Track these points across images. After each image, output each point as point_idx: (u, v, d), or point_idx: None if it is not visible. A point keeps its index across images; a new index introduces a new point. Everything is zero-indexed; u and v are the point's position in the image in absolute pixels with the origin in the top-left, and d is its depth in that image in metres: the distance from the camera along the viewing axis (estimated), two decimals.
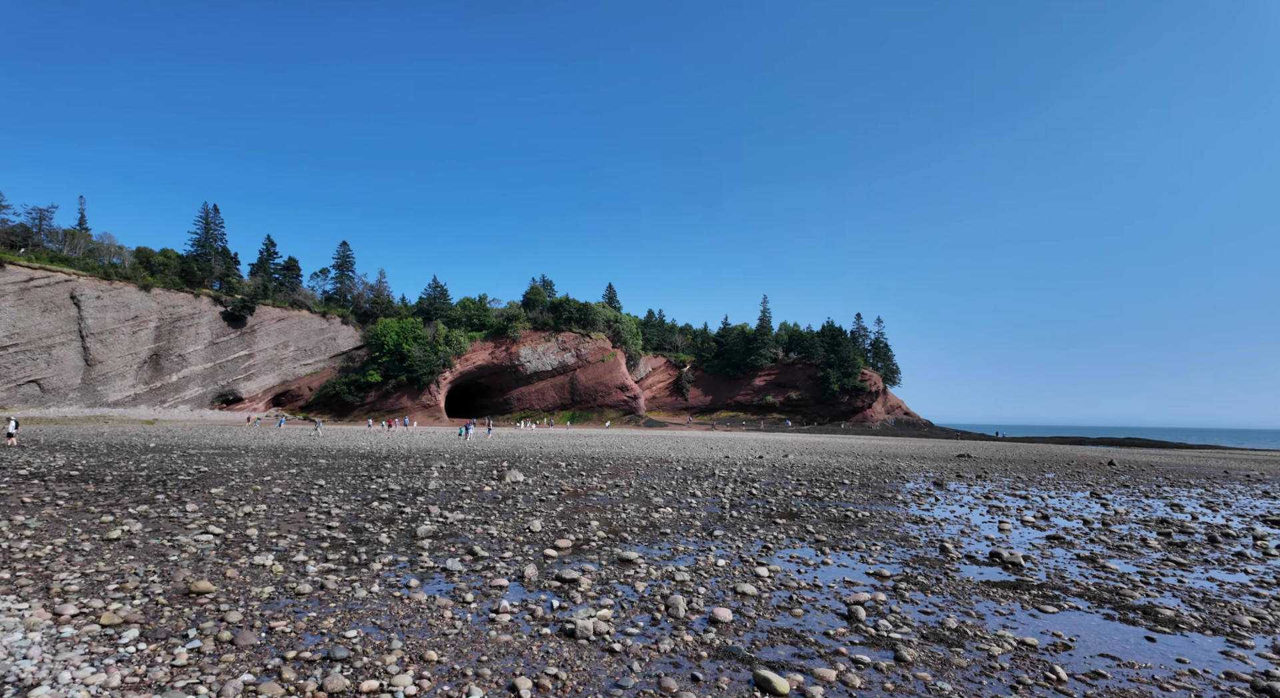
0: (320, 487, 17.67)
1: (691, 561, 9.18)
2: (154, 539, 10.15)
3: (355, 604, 6.93)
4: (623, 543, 10.49)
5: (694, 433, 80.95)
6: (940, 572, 8.72)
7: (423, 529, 11.08)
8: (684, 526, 12.28)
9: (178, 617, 6.33)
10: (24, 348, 73.74)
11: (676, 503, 15.74)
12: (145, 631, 5.85)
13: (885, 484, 21.74)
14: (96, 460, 23.59)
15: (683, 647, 5.66)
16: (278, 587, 7.51)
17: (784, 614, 6.65)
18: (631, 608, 6.81)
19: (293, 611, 6.64)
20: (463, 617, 6.51)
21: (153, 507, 13.51)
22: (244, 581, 7.83)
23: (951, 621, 6.31)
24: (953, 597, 7.40)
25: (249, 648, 5.54)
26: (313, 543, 10.24)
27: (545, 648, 5.64)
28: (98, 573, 7.95)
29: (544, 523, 11.93)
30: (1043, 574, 8.64)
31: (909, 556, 9.85)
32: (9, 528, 10.73)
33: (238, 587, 7.50)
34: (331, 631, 6.02)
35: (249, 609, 6.64)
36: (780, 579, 8.12)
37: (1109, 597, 7.41)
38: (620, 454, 34.14)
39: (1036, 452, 49.48)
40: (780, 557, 9.62)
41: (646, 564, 8.87)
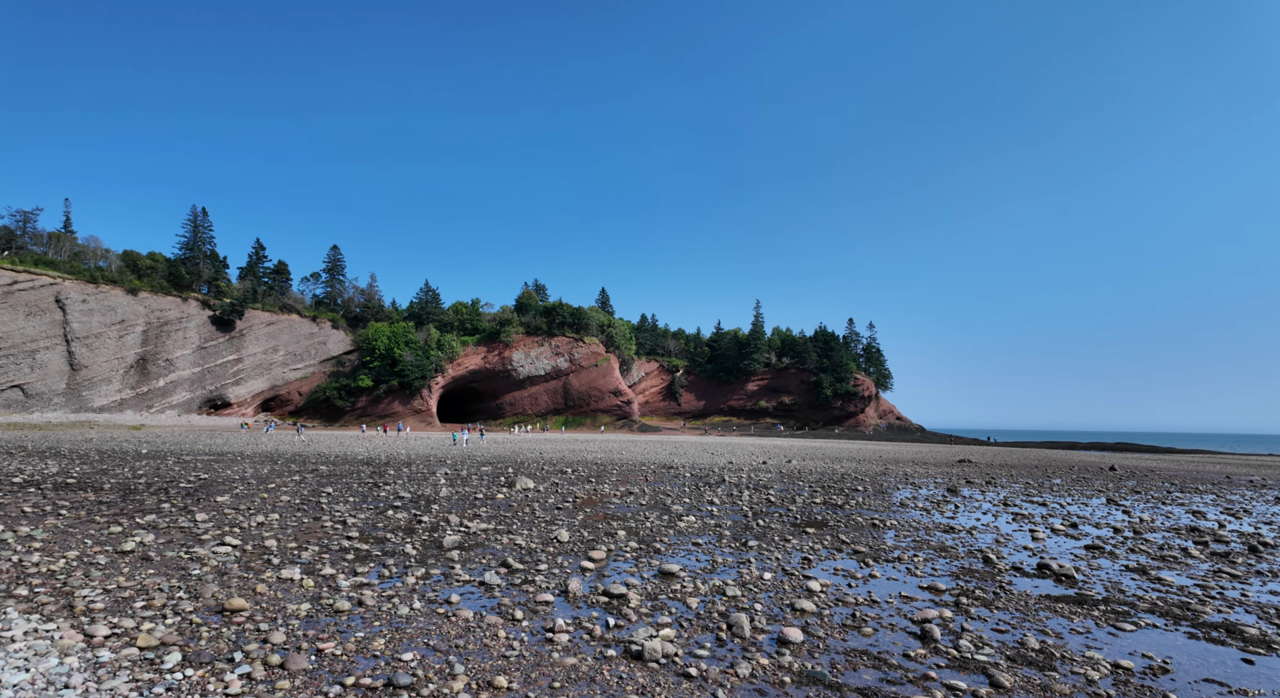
0: (328, 494, 17.21)
1: (734, 573, 8.90)
2: (170, 551, 9.72)
3: (400, 622, 6.58)
4: (657, 554, 10.18)
5: (689, 438, 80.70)
6: (994, 585, 8.50)
7: (449, 540, 10.71)
8: (714, 535, 12.00)
9: (217, 638, 5.96)
10: (7, 352, 72.20)
11: (697, 511, 15.45)
12: (187, 654, 5.48)
13: (899, 490, 21.59)
14: (91, 468, 22.93)
15: (761, 671, 5.36)
16: (314, 603, 7.15)
17: (853, 633, 6.37)
18: (691, 626, 6.51)
19: (336, 630, 6.29)
20: (518, 636, 6.19)
21: (160, 516, 13.03)
22: (276, 596, 7.46)
23: (1031, 640, 6.06)
24: (1019, 613, 7.16)
25: (302, 674, 5.19)
26: (336, 555, 9.85)
27: (616, 672, 5.34)
28: (120, 589, 7.54)
29: (570, 533, 11.60)
30: (1100, 588, 8.44)
31: (955, 567, 9.63)
32: (15, 540, 10.25)
33: (271, 603, 7.13)
34: (385, 653, 5.68)
35: (290, 629, 6.28)
36: (834, 594, 7.86)
37: (1181, 613, 7.20)
38: (622, 460, 33.80)
39: (1034, 457, 49.71)
40: (823, 569, 9.36)
41: (689, 577, 8.57)
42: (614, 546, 10.80)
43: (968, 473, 30.16)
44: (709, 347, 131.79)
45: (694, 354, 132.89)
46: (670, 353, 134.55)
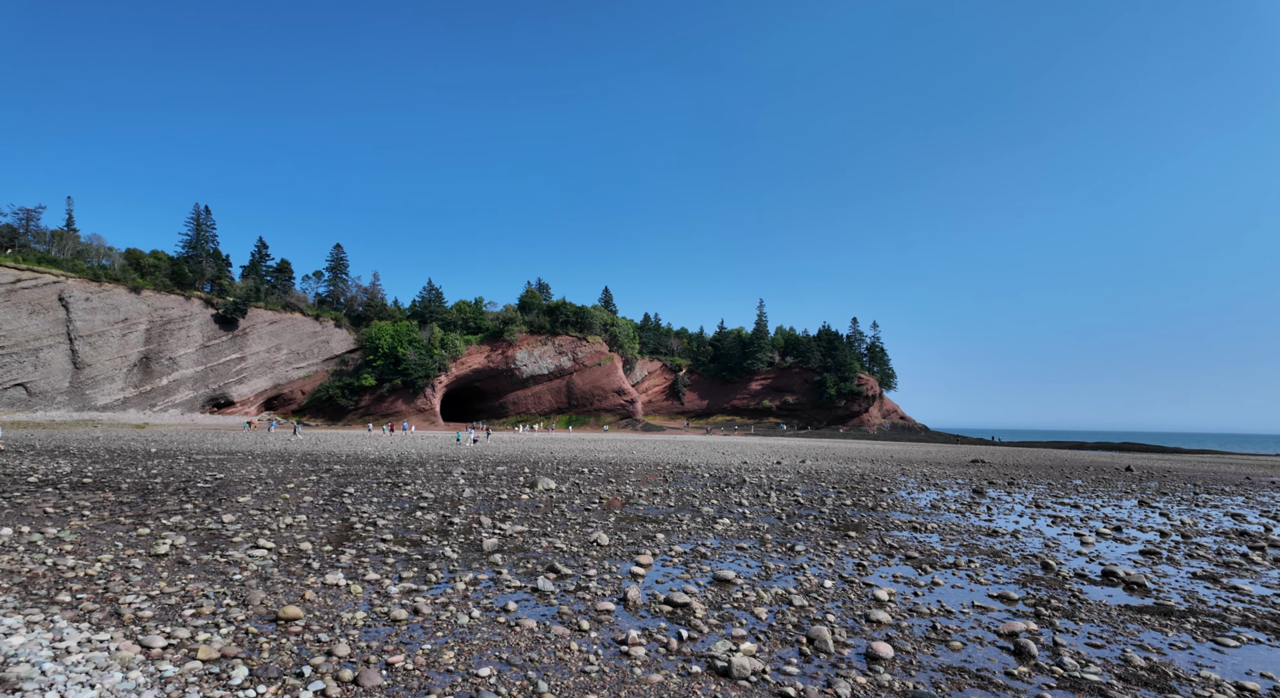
0: (351, 495, 16.92)
1: (791, 580, 8.60)
2: (205, 555, 9.43)
3: (463, 632, 6.30)
4: (704, 559, 9.90)
5: (694, 437, 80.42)
6: (1065, 593, 8.21)
7: (488, 543, 10.43)
8: (755, 539, 11.73)
9: (278, 650, 5.67)
10: (10, 350, 71.87)
11: (729, 513, 15.18)
12: (253, 668, 5.19)
13: (924, 492, 21.32)
14: (104, 467, 22.63)
15: (861, 691, 5.07)
16: (368, 611, 6.85)
17: (940, 647, 6.08)
18: (769, 639, 6.21)
19: (399, 641, 6.00)
20: (591, 650, 5.89)
21: (186, 517, 12.74)
22: (327, 604, 7.17)
23: (1135, 657, 5.76)
24: (1106, 625, 6.86)
25: (379, 691, 4.90)
26: (376, 559, 9.57)
27: (708, 690, 5.05)
28: (164, 595, 7.25)
29: (609, 536, 11.31)
30: (1177, 597, 8.14)
31: (1016, 574, 9.34)
32: (44, 542, 9.96)
33: (325, 611, 6.84)
34: (458, 668, 5.39)
35: (351, 640, 5.99)
36: (905, 604, 7.56)
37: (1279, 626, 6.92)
38: (635, 460, 33.52)
39: (1045, 457, 49.44)
40: (881, 576, 9.07)
41: (747, 585, 8.28)
42: (657, 550, 10.52)
43: (986, 474, 29.88)
44: (712, 346, 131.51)
45: (697, 353, 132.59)
46: (673, 352, 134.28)
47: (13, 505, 13.69)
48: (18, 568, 8.30)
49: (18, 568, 8.30)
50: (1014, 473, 30.75)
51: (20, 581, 7.71)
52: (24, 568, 8.29)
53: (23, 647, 5.36)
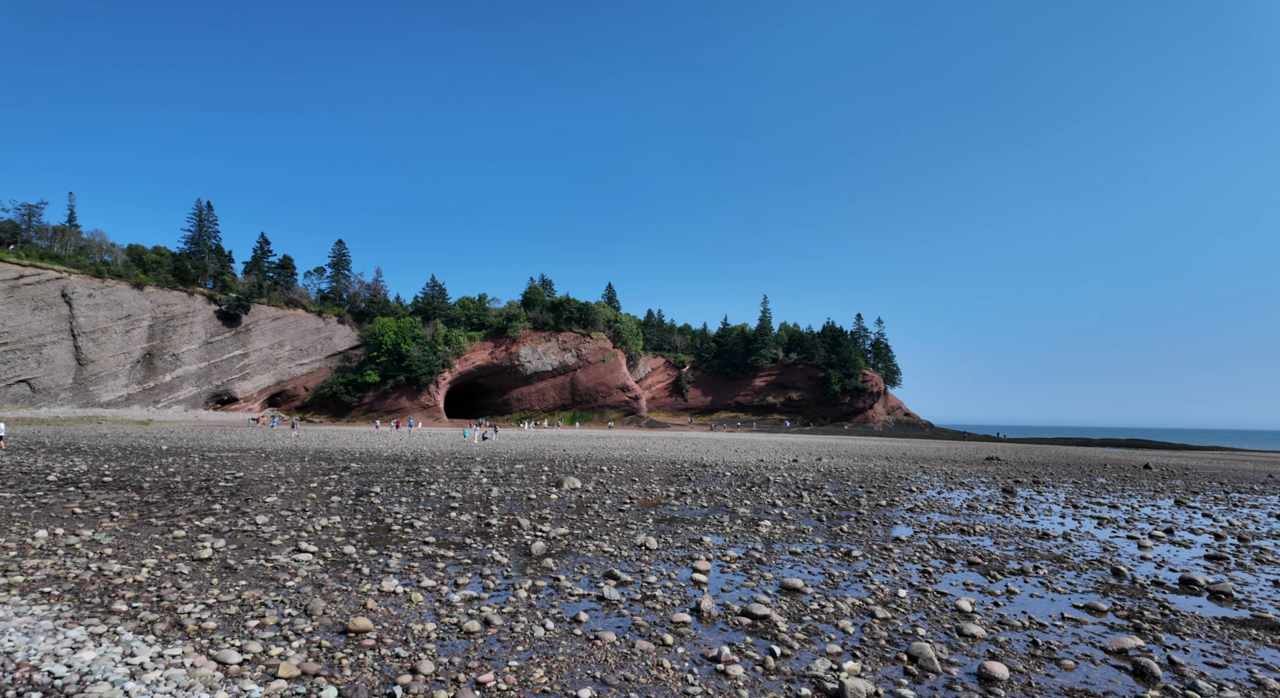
0: (377, 494, 16.64)
1: (860, 589, 8.31)
2: (249, 559, 9.14)
3: (543, 647, 6.01)
4: (761, 565, 9.61)
5: (700, 434, 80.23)
6: (1153, 604, 7.90)
7: (537, 547, 10.14)
8: (805, 543, 11.48)
9: (359, 666, 5.38)
10: (14, 347, 71.51)
11: (766, 514, 14.91)
12: (341, 688, 4.90)
13: (952, 491, 21.06)
14: (119, 465, 22.34)
15: None
16: (437, 622, 6.56)
17: (1051, 666, 5.76)
18: (867, 657, 5.90)
19: (481, 657, 5.70)
20: (686, 669, 5.59)
21: (218, 518, 12.46)
22: (390, 613, 6.88)
23: (1269, 679, 5.47)
24: (1215, 640, 6.54)
25: None
26: (425, 563, 9.28)
27: None
28: (221, 604, 6.96)
29: (656, 540, 11.01)
30: (1271, 608, 7.85)
31: (1088, 581, 9.05)
32: (82, 545, 9.66)
33: (392, 622, 6.55)
34: (553, 688, 5.10)
35: (430, 654, 5.70)
36: (988, 614, 7.28)
37: None
38: (650, 457, 33.26)
39: (1058, 454, 49.20)
40: (950, 583, 8.78)
41: (817, 594, 7.99)
42: (710, 555, 10.24)
43: (1006, 472, 29.63)
44: (715, 342, 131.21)
45: (700, 350, 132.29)
46: (676, 348, 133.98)
47: (39, 505, 13.40)
48: (63, 573, 8.01)
49: (63, 573, 8.01)
50: (1034, 471, 30.49)
51: (69, 587, 7.42)
52: (70, 574, 8.00)
53: (95, 663, 5.07)
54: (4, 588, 7.31)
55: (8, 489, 15.55)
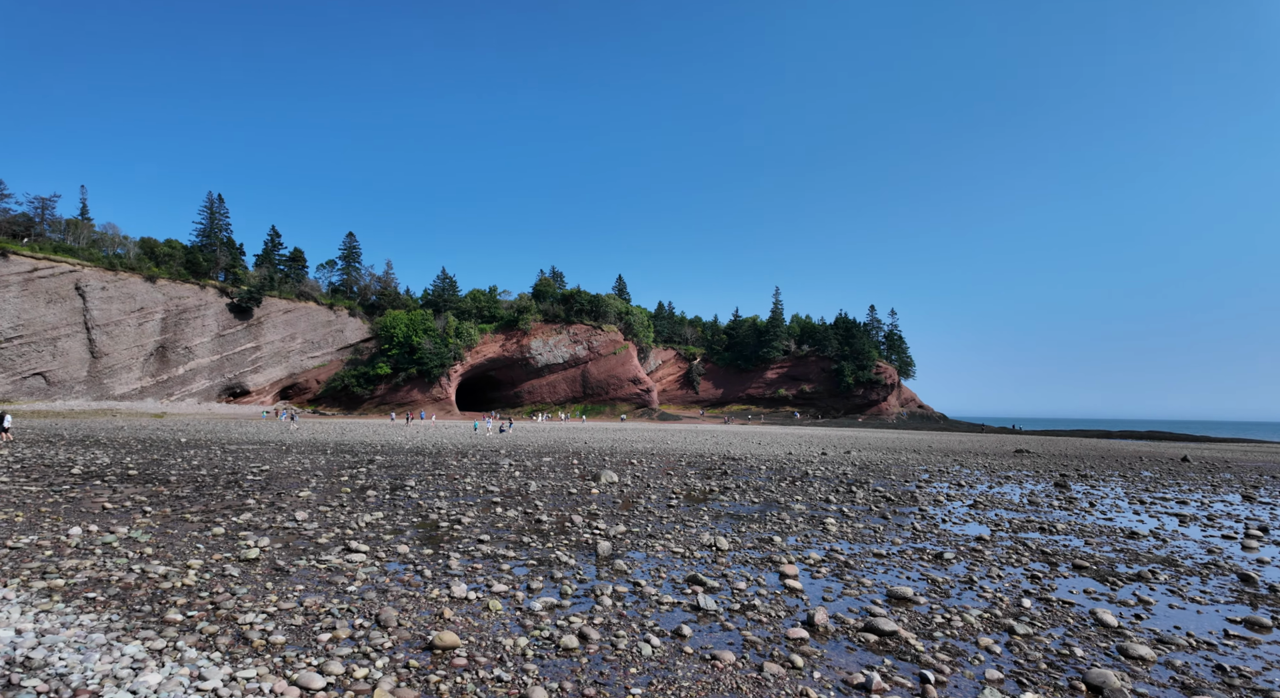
0: (413, 489, 16.02)
1: (975, 597, 7.55)
2: (298, 560, 8.49)
3: (656, 668, 5.30)
4: (850, 570, 8.88)
5: (714, 427, 79.53)
6: None
7: (602, 547, 9.45)
8: (884, 544, 10.77)
9: (461, 693, 4.69)
10: (29, 339, 71.51)
11: (823, 510, 14.20)
12: None
13: (1002, 486, 20.26)
14: (141, 458, 21.84)
15: None
16: (528, 637, 5.87)
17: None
18: (1038, 686, 5.11)
19: (593, 681, 5.01)
20: None
21: (255, 515, 11.85)
22: (470, 624, 6.21)
23: None
24: None
25: None
26: (488, 564, 8.61)
27: None
28: (282, 612, 6.30)
29: (726, 540, 10.29)
30: None
31: (1221, 589, 8.23)
32: (119, 543, 9.05)
33: (478, 636, 5.87)
34: None
35: (536, 677, 5.01)
36: (1140, 631, 6.49)
37: None
38: (675, 450, 32.58)
39: (1085, 446, 48.18)
40: (1069, 590, 8.00)
41: (931, 603, 7.25)
42: (791, 557, 9.52)
43: (1044, 465, 28.76)
44: (727, 334, 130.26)
45: (711, 342, 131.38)
46: (687, 341, 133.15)
47: (66, 499, 12.84)
48: (105, 576, 7.38)
49: (105, 576, 7.38)
50: (1072, 464, 29.60)
51: (114, 592, 6.79)
52: (112, 576, 7.37)
53: (163, 688, 4.40)
54: (45, 593, 6.68)
55: (33, 483, 15.02)
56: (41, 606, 6.21)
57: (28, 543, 8.86)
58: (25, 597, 6.49)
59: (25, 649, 4.98)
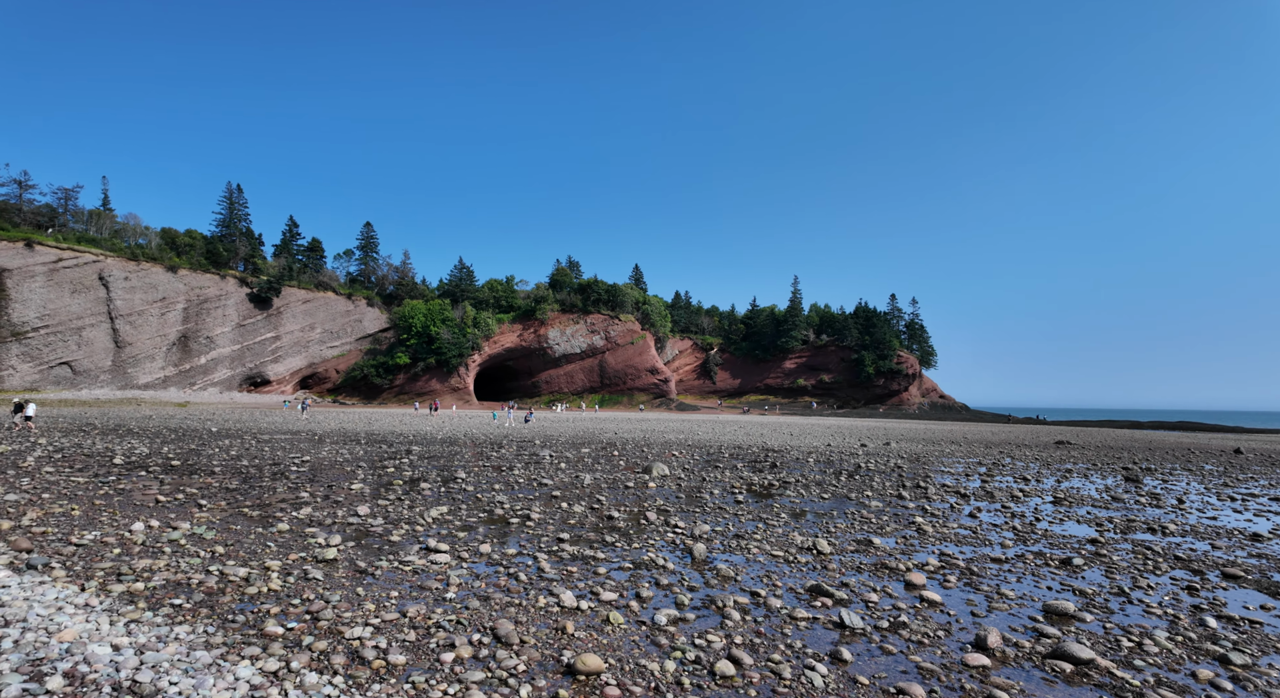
0: (465, 480, 15.47)
1: (1142, 613, 6.77)
2: (380, 561, 7.90)
3: None
4: (978, 576, 8.15)
5: (735, 417, 78.76)
6: None
7: (698, 549, 8.78)
8: (991, 547, 10.03)
9: None
10: (55, 329, 72.10)
11: (900, 507, 13.46)
12: None
13: (1068, 480, 19.38)
14: (179, 447, 21.51)
15: None
16: (674, 661, 5.20)
17: None
18: None
19: None
20: None
21: (315, 509, 11.32)
22: (600, 641, 5.56)
23: None
24: None
25: None
26: (581, 567, 7.97)
27: None
28: (387, 624, 5.69)
29: (826, 543, 9.57)
30: None
31: None
32: (186, 540, 8.51)
33: (615, 657, 5.22)
34: None
35: None
36: None
37: None
38: (707, 441, 31.90)
39: (1124, 437, 46.85)
40: (1245, 605, 7.22)
41: (1095, 621, 6.49)
42: (903, 562, 8.80)
43: (1094, 457, 27.75)
44: (744, 324, 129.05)
45: (729, 332, 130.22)
46: (704, 330, 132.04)
47: (116, 491, 12.39)
48: (184, 579, 6.82)
49: (184, 579, 6.82)
50: (1122, 456, 28.54)
51: (200, 599, 6.21)
52: (191, 579, 6.81)
53: None
54: (126, 598, 6.12)
55: (78, 473, 14.63)
56: (128, 614, 5.64)
57: (93, 540, 8.35)
58: (108, 603, 5.93)
59: (129, 672, 4.39)
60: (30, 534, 8.56)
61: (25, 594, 5.97)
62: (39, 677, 4.27)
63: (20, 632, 4.98)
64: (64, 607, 5.68)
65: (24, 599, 5.81)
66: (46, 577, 6.65)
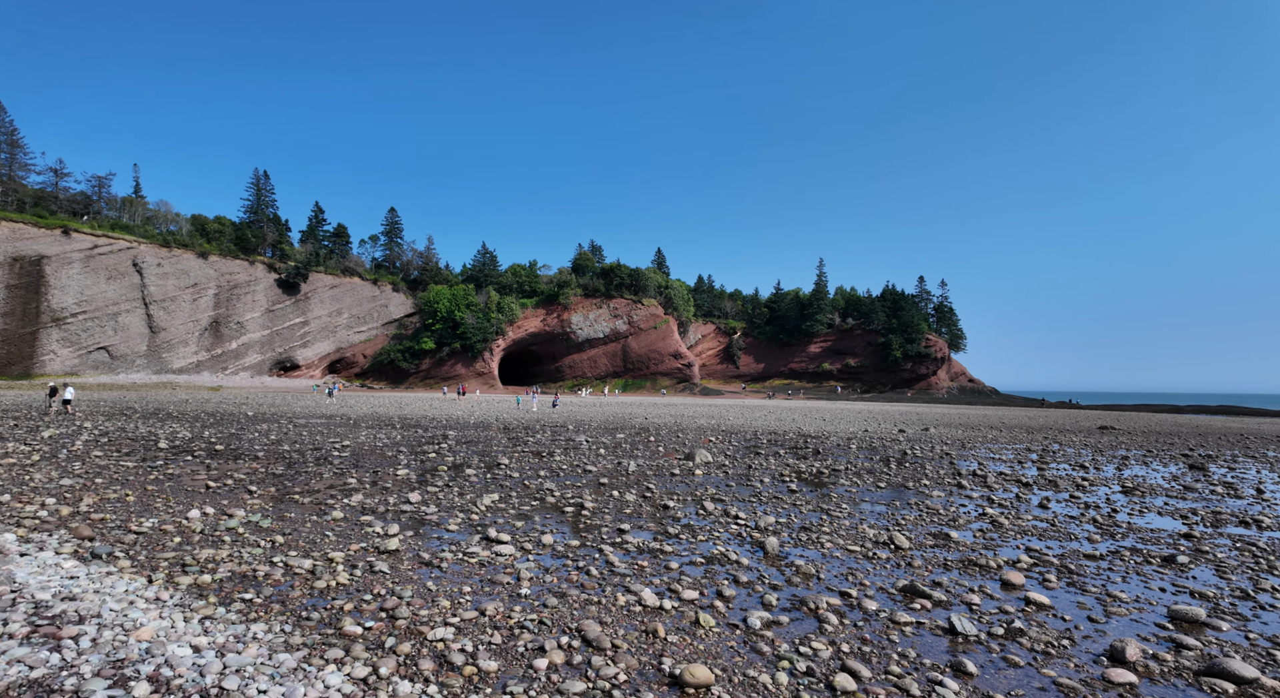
0: (509, 466, 15.23)
1: (1278, 619, 6.22)
2: (444, 552, 7.62)
3: None
4: (1079, 575, 7.62)
5: (760, 402, 78.03)
6: None
7: (770, 543, 8.35)
8: (1078, 542, 9.47)
9: None
10: (92, 315, 73.78)
11: (964, 497, 12.89)
12: None
13: (1131, 468, 18.57)
14: (219, 432, 21.66)
15: None
16: (784, 672, 4.80)
17: None
18: None
19: None
20: None
21: (366, 496, 11.13)
22: (696, 647, 5.18)
23: None
24: None
25: None
26: (652, 562, 7.61)
27: None
28: (468, 625, 5.37)
29: (904, 537, 9.08)
30: None
31: None
32: (244, 528, 8.33)
33: (719, 666, 4.83)
34: None
35: None
36: None
37: None
38: (741, 427, 31.41)
39: (1168, 422, 45.27)
40: None
41: (1233, 630, 5.93)
42: (989, 558, 8.29)
43: (1146, 444, 26.68)
44: (768, 308, 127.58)
45: (752, 316, 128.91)
46: (727, 314, 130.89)
47: (166, 476, 12.35)
48: (249, 571, 6.59)
49: (249, 571, 6.59)
50: (1175, 442, 27.41)
51: (268, 592, 5.96)
52: (257, 571, 6.58)
53: None
54: (195, 592, 5.89)
55: (126, 457, 14.68)
56: (201, 609, 5.40)
57: (151, 528, 8.20)
58: (178, 597, 5.70)
59: (214, 677, 4.11)
60: (90, 521, 8.45)
61: (95, 586, 5.78)
62: (123, 681, 4.01)
63: (97, 629, 4.75)
64: (135, 601, 5.46)
65: (94, 591, 5.60)
66: (113, 567, 6.47)
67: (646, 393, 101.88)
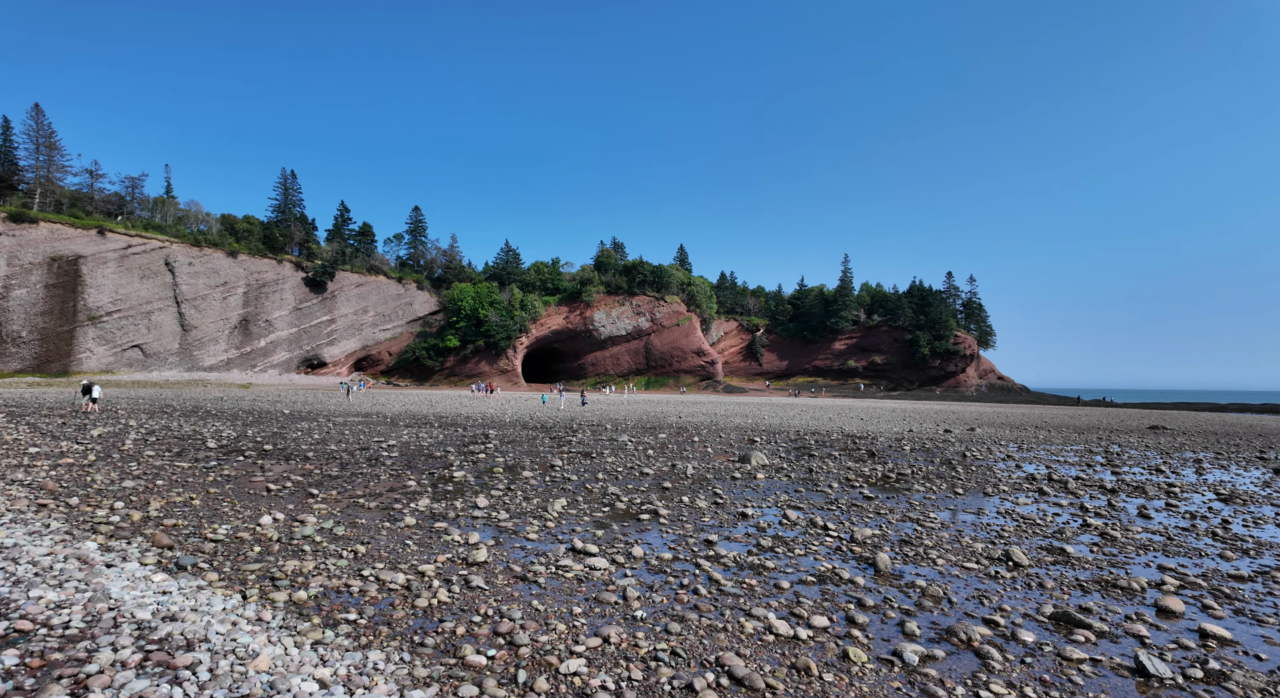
0: (565, 468, 14.79)
1: None
2: (535, 565, 7.16)
3: None
4: (1239, 602, 6.93)
5: (787, 399, 77.02)
6: None
7: (882, 560, 7.75)
8: (1214, 558, 8.76)
9: None
10: (126, 313, 75.09)
11: (1052, 505, 12.16)
12: None
13: (1208, 473, 17.60)
14: (261, 431, 21.54)
15: None
16: None
17: None
18: None
19: None
20: None
21: (433, 500, 10.75)
22: (857, 688, 4.63)
23: None
24: None
25: None
26: (759, 580, 7.07)
27: None
28: (595, 654, 4.88)
29: (1021, 551, 8.43)
30: None
31: None
32: (321, 536, 7.95)
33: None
34: None
35: None
36: None
37: None
38: (778, 426, 30.70)
39: (1215, 422, 43.55)
40: None
41: None
42: (1132, 581, 7.62)
43: (1207, 445, 25.48)
44: (791, 304, 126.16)
45: (775, 313, 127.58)
46: (750, 311, 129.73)
47: (223, 478, 12.09)
48: (339, 585, 6.18)
49: (339, 585, 6.18)
50: (1238, 443, 26.15)
51: (370, 613, 5.53)
52: (349, 586, 6.17)
53: None
54: (295, 612, 5.47)
55: (178, 458, 14.50)
56: (308, 633, 4.98)
57: (226, 535, 7.86)
58: (280, 617, 5.30)
59: None
60: (164, 527, 8.14)
61: (191, 603, 5.39)
62: None
63: (209, 657, 4.34)
64: (238, 622, 5.06)
65: (193, 610, 5.21)
66: (201, 581, 6.10)
67: (669, 391, 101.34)
